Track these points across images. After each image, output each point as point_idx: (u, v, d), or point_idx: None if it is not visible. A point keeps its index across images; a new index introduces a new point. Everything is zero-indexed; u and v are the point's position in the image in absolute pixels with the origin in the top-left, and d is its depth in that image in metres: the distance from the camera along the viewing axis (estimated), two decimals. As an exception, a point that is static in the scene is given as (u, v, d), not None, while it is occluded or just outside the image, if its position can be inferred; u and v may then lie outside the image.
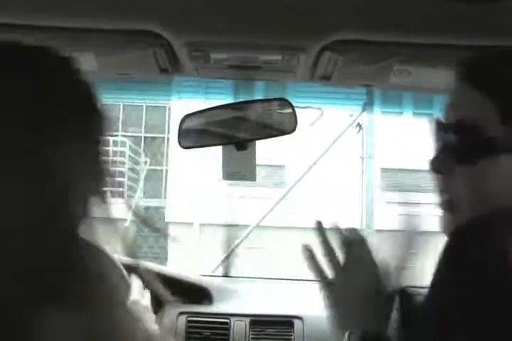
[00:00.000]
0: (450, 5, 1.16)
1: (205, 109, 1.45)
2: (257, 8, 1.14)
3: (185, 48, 1.22)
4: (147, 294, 1.60)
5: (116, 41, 1.22)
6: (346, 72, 1.30)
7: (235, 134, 1.44)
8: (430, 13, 1.17)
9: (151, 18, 1.16)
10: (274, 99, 1.44)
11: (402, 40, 1.21)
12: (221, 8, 1.14)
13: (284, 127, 1.42)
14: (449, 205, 1.01)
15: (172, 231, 10.67)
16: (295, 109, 1.42)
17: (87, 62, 1.30)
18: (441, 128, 1.01)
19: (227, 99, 1.50)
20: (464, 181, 0.96)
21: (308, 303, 2.16)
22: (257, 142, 1.45)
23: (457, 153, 0.96)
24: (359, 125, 7.01)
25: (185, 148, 1.47)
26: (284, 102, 1.41)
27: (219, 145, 1.45)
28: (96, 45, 1.25)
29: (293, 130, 1.40)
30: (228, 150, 1.43)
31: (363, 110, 6.57)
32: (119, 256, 1.78)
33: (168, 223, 10.82)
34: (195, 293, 2.08)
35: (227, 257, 5.87)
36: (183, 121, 1.45)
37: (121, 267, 1.63)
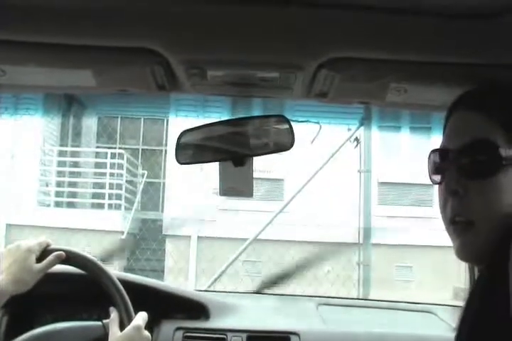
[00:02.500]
0: (446, 22, 1.17)
1: (203, 125, 1.46)
2: (254, 25, 1.15)
3: (183, 66, 1.23)
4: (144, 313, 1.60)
5: (114, 58, 1.23)
6: (343, 89, 1.30)
7: (232, 150, 1.44)
8: (426, 31, 1.18)
9: (149, 35, 1.16)
10: (272, 116, 1.45)
11: (399, 57, 1.22)
12: (218, 26, 1.15)
13: (282, 143, 1.43)
14: (466, 226, 1.03)
15: (169, 244, 10.65)
16: (292, 125, 1.43)
17: (84, 79, 1.31)
18: (450, 153, 1.06)
19: (224, 116, 1.51)
20: (481, 200, 1.01)
21: (305, 319, 2.17)
22: (256, 156, 1.46)
23: (472, 173, 1.02)
24: (357, 139, 7.03)
25: (182, 163, 1.47)
26: (282, 119, 1.42)
27: (216, 161, 1.46)
28: (94, 62, 1.25)
29: (290, 146, 1.41)
30: (225, 166, 1.44)
31: (361, 125, 6.59)
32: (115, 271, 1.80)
33: (165, 236, 10.80)
34: (191, 308, 2.07)
35: (225, 271, 5.87)
36: (180, 136, 1.46)
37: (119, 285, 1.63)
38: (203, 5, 1.13)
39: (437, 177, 1.10)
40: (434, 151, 1.12)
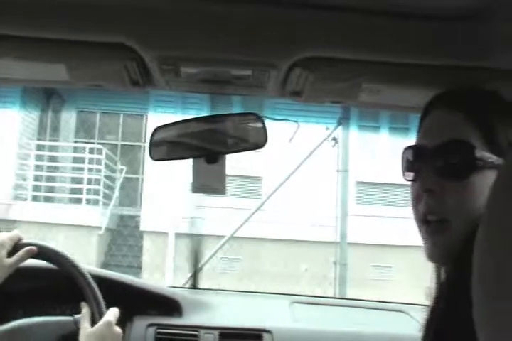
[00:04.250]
0: (420, 24, 1.18)
1: (177, 122, 1.46)
2: (227, 24, 1.15)
3: (156, 62, 1.23)
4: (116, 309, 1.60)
5: (88, 53, 1.23)
6: (316, 88, 1.31)
7: (205, 147, 1.44)
8: (400, 33, 1.19)
9: (123, 31, 1.16)
10: (246, 114, 1.45)
11: (372, 58, 1.23)
12: (192, 23, 1.15)
13: (255, 141, 1.43)
14: (439, 226, 1.03)
15: (146, 240, 10.61)
16: (269, 123, 1.43)
17: (58, 73, 1.30)
18: (426, 151, 1.06)
19: (203, 112, 1.51)
20: (456, 200, 1.02)
21: (277, 317, 2.17)
22: (235, 154, 1.46)
23: (448, 173, 1.03)
24: (334, 139, 7.05)
25: (156, 160, 1.47)
26: (255, 117, 1.42)
27: (190, 157, 1.45)
28: (68, 56, 1.25)
29: (263, 144, 1.41)
30: (198, 163, 1.44)
31: (339, 124, 6.61)
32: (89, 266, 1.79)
33: (142, 232, 10.76)
34: (164, 304, 2.07)
35: (201, 268, 5.85)
36: (154, 132, 1.45)
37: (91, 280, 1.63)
38: (176, 2, 1.13)
39: (411, 175, 1.10)
40: (408, 148, 1.12)
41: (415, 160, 1.10)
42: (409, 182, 1.11)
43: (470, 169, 1.01)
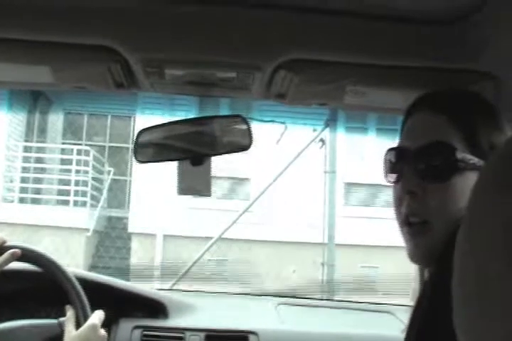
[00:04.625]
0: (403, 27, 1.18)
1: (162, 124, 1.45)
2: (212, 25, 1.16)
3: (140, 64, 1.22)
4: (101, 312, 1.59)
5: (72, 55, 1.22)
6: (301, 90, 1.31)
7: (190, 149, 1.43)
8: (384, 36, 1.20)
9: (107, 33, 1.16)
10: (231, 116, 1.45)
11: (356, 60, 1.23)
12: (176, 25, 1.15)
13: (240, 143, 1.43)
14: (421, 228, 1.03)
15: (134, 242, 10.58)
16: (256, 124, 1.43)
17: (42, 75, 1.30)
18: (407, 153, 1.06)
19: (191, 114, 1.50)
20: (438, 201, 1.02)
21: (264, 318, 2.18)
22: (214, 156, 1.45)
23: (430, 175, 1.03)
24: (322, 140, 7.07)
25: (141, 162, 1.47)
26: (241, 119, 1.42)
27: (175, 160, 1.45)
28: (52, 58, 1.25)
29: (248, 147, 1.41)
30: (183, 165, 1.43)
31: (326, 126, 6.62)
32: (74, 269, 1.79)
33: (130, 234, 10.73)
34: (150, 307, 2.07)
35: (189, 270, 5.85)
36: (139, 135, 1.45)
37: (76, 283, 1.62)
38: (160, 4, 1.13)
39: (393, 176, 1.10)
40: (390, 150, 1.12)
41: (397, 162, 1.10)
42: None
43: (451, 171, 1.01)
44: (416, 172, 1.04)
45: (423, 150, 1.04)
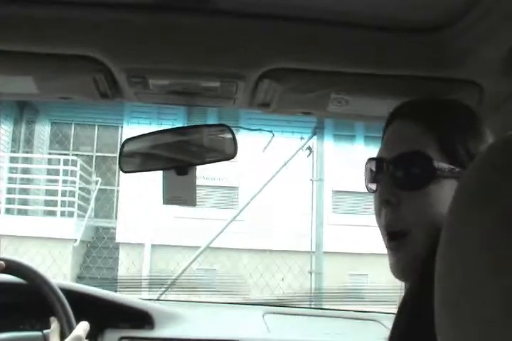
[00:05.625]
0: (386, 36, 1.19)
1: (147, 133, 1.45)
2: (195, 35, 1.16)
3: (124, 74, 1.22)
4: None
5: (56, 66, 1.22)
6: (285, 99, 1.31)
7: (176, 159, 1.43)
8: (366, 44, 1.21)
9: (90, 43, 1.16)
10: (215, 125, 1.45)
11: (340, 69, 1.24)
12: (159, 35, 1.16)
13: (225, 152, 1.43)
14: (401, 240, 1.03)
15: (122, 252, 10.52)
16: (242, 133, 1.44)
17: (26, 86, 1.29)
18: (384, 163, 1.07)
19: (178, 123, 1.50)
20: (414, 210, 1.02)
21: (250, 327, 2.17)
22: (199, 165, 1.45)
23: (405, 183, 1.03)
24: (309, 148, 7.08)
25: (126, 172, 1.46)
26: (225, 128, 1.42)
27: (160, 169, 1.45)
28: (36, 68, 1.24)
29: (233, 156, 1.41)
30: (169, 174, 1.43)
31: (314, 134, 6.63)
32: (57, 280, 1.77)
33: (118, 244, 10.67)
34: (136, 317, 2.06)
35: (177, 279, 5.83)
36: (124, 144, 1.45)
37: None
38: (144, 15, 1.13)
39: (373, 186, 1.11)
40: (370, 160, 1.13)
41: (376, 172, 1.10)
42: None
43: (427, 179, 1.01)
44: (392, 181, 1.04)
45: (399, 159, 1.04)
